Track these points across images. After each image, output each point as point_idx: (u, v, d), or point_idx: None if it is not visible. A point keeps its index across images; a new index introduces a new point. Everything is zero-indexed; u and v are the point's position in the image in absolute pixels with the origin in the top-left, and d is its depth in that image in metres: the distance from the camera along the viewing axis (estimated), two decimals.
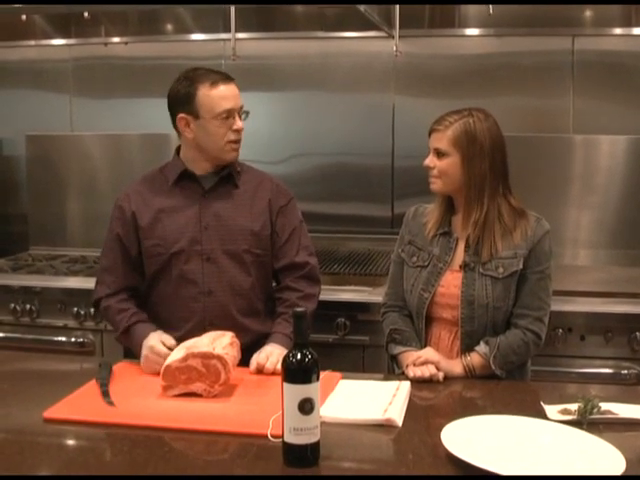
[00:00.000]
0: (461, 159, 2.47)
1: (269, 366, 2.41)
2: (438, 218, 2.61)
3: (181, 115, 2.64)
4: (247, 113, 2.70)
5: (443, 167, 2.50)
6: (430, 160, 2.53)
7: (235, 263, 2.68)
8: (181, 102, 2.63)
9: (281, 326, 2.66)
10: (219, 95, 2.59)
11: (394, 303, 2.70)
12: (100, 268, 2.79)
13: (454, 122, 2.48)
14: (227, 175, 2.72)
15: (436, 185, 2.55)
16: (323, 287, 2.86)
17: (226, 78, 2.63)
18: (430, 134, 2.54)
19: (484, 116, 2.51)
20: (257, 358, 2.46)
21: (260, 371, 2.43)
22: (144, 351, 2.48)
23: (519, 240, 2.49)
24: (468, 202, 2.51)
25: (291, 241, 2.76)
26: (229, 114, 2.61)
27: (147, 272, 2.72)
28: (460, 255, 2.56)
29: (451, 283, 2.54)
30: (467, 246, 2.53)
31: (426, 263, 2.59)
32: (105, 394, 2.20)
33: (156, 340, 2.48)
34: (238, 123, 2.64)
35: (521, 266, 2.49)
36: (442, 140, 2.49)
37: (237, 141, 2.67)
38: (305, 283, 2.76)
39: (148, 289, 2.73)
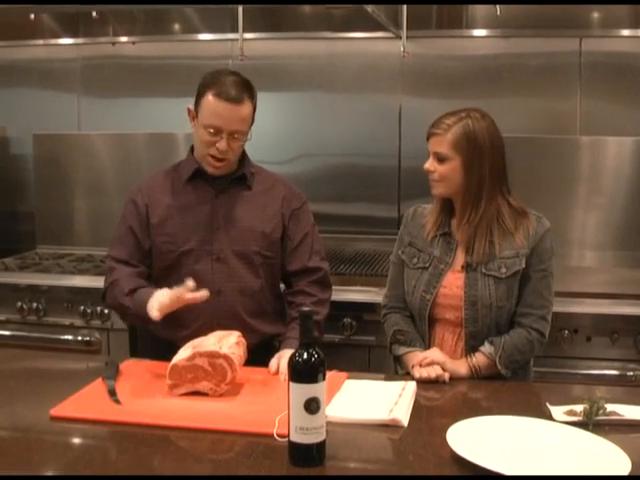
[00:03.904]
0: (462, 162, 2.46)
1: (282, 371, 2.38)
2: (437, 219, 2.60)
3: (190, 106, 2.65)
4: (245, 136, 2.63)
5: (444, 171, 2.48)
6: (430, 164, 2.51)
7: (245, 264, 2.68)
8: (197, 94, 2.62)
9: (295, 331, 2.59)
10: (214, 109, 2.55)
11: (395, 305, 2.69)
12: (112, 258, 2.73)
13: (453, 125, 2.45)
14: (240, 177, 2.72)
15: (438, 189, 2.54)
16: None
17: (233, 98, 2.54)
18: (429, 138, 2.52)
19: (481, 116, 2.48)
20: (270, 363, 2.46)
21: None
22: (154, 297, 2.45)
23: (521, 240, 2.49)
24: (464, 204, 2.50)
25: (303, 245, 2.76)
26: (216, 131, 2.57)
27: (156, 268, 2.72)
28: (461, 256, 2.55)
29: (453, 284, 2.54)
30: (468, 247, 2.53)
31: (427, 265, 2.59)
32: (112, 392, 2.20)
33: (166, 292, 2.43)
34: (221, 144, 2.57)
35: (523, 265, 2.48)
36: (442, 144, 2.47)
37: (218, 159, 2.62)
38: (318, 288, 2.76)
39: (158, 287, 2.72)
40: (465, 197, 2.49)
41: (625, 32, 3.88)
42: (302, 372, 1.76)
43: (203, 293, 2.41)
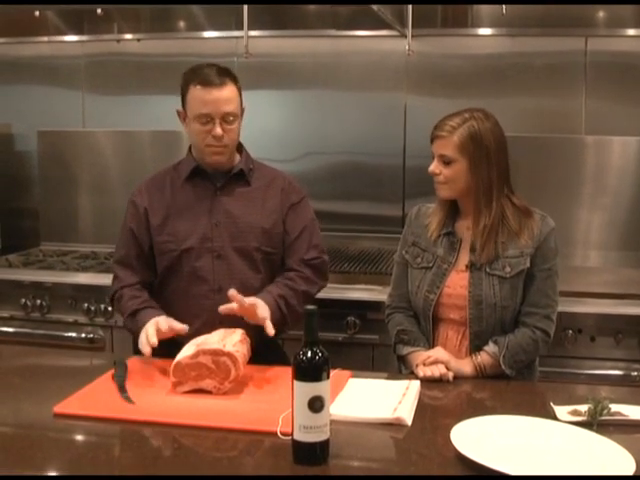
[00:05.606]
0: (468, 164, 2.44)
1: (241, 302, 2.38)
2: (441, 220, 2.59)
3: (179, 109, 2.67)
4: (238, 118, 2.63)
5: (450, 174, 2.47)
6: (435, 167, 2.50)
7: (245, 260, 2.68)
8: (181, 96, 2.65)
9: (276, 286, 2.63)
10: (199, 98, 2.57)
11: (399, 304, 2.69)
12: (114, 262, 2.80)
13: (457, 127, 2.44)
14: (239, 173, 2.72)
15: (444, 192, 2.52)
16: (333, 286, 2.86)
17: (215, 82, 2.56)
18: (432, 140, 2.50)
19: (485, 116, 2.47)
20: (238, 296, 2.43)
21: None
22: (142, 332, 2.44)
23: (526, 239, 2.48)
24: (477, 208, 2.49)
25: (301, 239, 2.75)
26: (207, 119, 2.57)
27: (158, 268, 2.73)
28: (464, 255, 2.55)
29: (457, 284, 2.53)
30: (472, 246, 2.52)
31: (430, 264, 2.58)
32: (122, 390, 2.20)
33: (153, 323, 2.42)
34: (217, 129, 2.57)
35: (528, 265, 2.48)
36: (447, 146, 2.45)
37: (218, 146, 2.62)
38: (310, 270, 2.73)
39: (160, 286, 2.74)
40: (476, 200, 2.48)
41: (631, 32, 3.87)
42: (306, 370, 1.76)
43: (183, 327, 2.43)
